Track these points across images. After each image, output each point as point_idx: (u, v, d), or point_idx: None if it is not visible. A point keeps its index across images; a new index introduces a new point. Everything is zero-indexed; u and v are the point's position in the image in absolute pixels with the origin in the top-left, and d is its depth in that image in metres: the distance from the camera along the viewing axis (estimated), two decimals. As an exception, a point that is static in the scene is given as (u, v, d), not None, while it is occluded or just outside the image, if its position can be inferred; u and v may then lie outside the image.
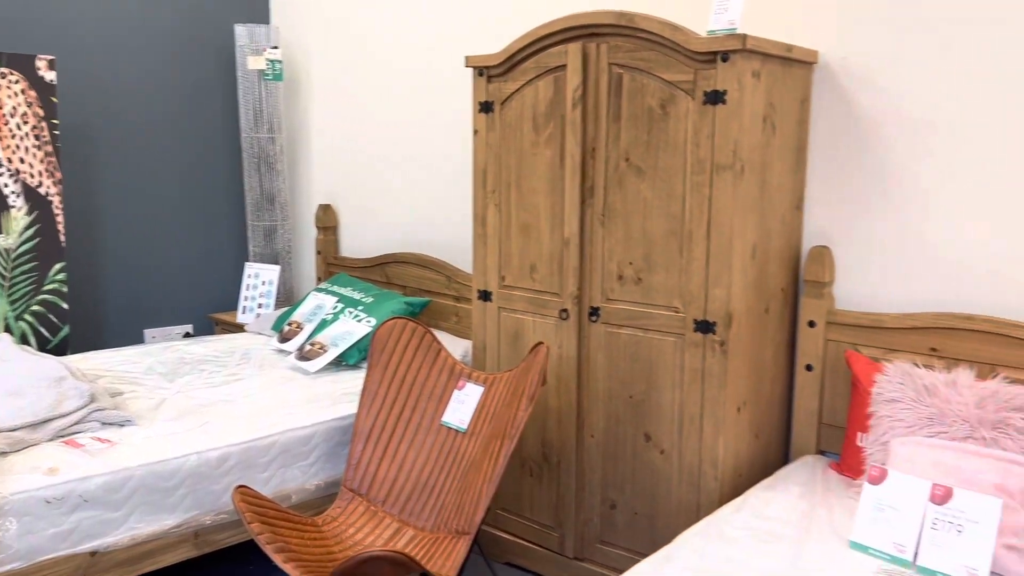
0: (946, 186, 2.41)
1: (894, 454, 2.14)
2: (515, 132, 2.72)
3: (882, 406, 2.28)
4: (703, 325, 2.36)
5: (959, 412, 2.14)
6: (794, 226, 2.62)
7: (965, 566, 1.81)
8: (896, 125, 2.47)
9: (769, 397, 2.59)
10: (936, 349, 2.39)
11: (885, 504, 1.96)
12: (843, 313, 2.55)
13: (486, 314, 2.88)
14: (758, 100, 2.33)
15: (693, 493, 2.43)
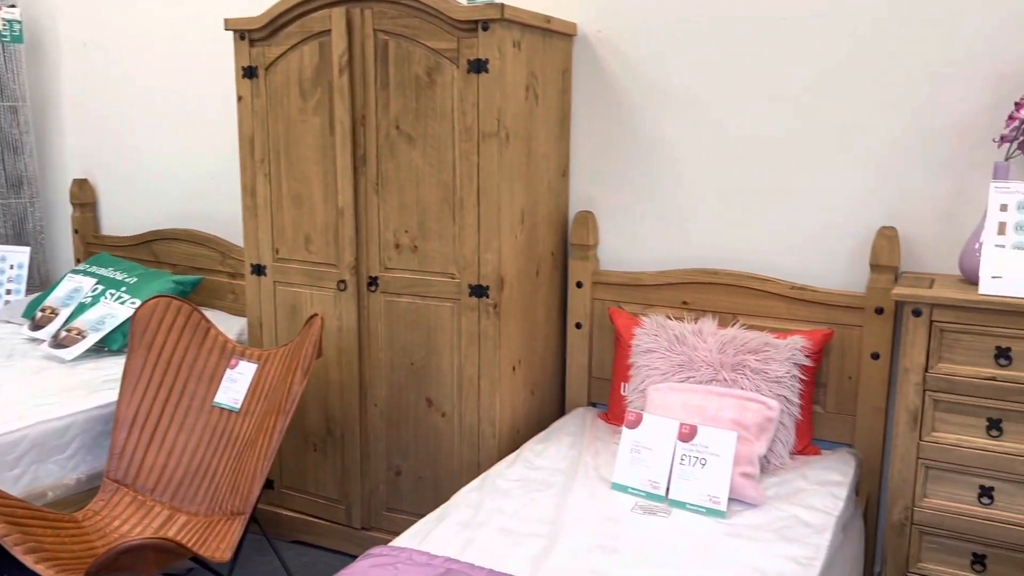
0: (691, 151, 2.62)
1: (650, 400, 2.32)
2: (282, 99, 2.63)
3: (640, 357, 2.46)
4: (477, 289, 2.42)
5: (704, 358, 2.35)
6: (560, 192, 2.75)
7: (708, 495, 2.01)
8: (646, 94, 2.65)
9: (543, 355, 2.71)
10: (687, 302, 2.61)
11: (641, 446, 2.13)
12: (607, 273, 2.72)
13: (261, 289, 2.78)
14: (520, 69, 2.40)
15: (474, 452, 2.51)
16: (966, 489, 2.08)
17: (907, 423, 2.11)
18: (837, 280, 2.48)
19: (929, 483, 2.12)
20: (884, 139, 2.37)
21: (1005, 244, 2.02)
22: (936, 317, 2.06)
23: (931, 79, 2.29)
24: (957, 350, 2.05)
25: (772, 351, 2.31)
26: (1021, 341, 1.98)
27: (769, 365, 2.29)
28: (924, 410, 2.09)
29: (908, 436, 2.11)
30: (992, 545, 2.06)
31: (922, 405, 2.09)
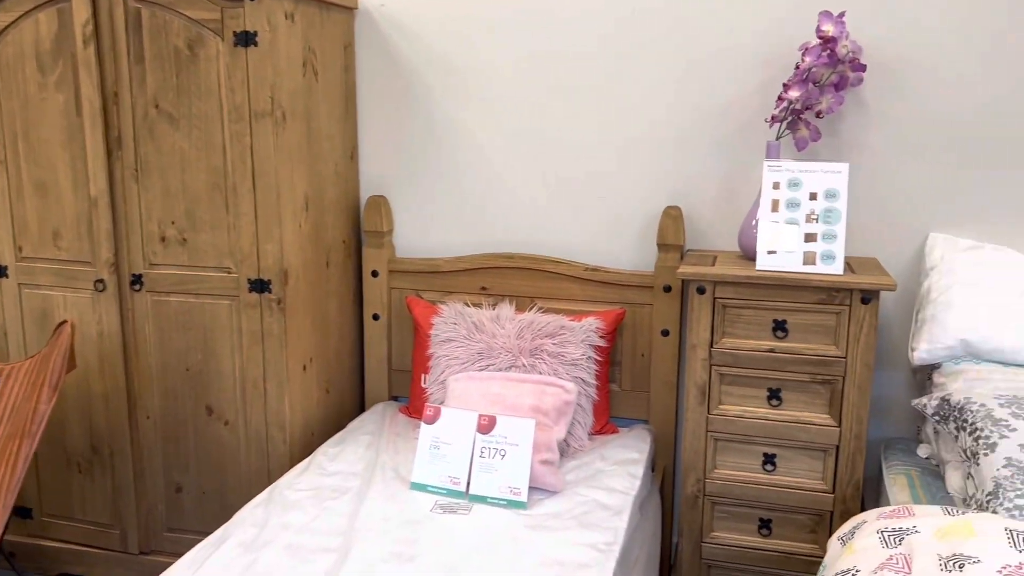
0: (487, 134, 2.55)
1: (450, 391, 2.23)
2: (16, 73, 2.27)
3: (439, 346, 2.37)
4: (258, 284, 2.22)
5: (503, 344, 2.30)
6: (349, 176, 2.59)
7: (508, 486, 1.95)
8: (438, 75, 2.55)
9: (338, 350, 2.55)
10: (486, 288, 2.54)
11: (440, 441, 2.04)
12: (403, 261, 2.60)
13: (2, 293, 2.41)
14: (295, 43, 2.21)
15: (263, 461, 2.31)
16: (751, 458, 2.16)
17: (696, 397, 2.16)
18: (629, 260, 2.51)
19: (718, 454, 2.19)
20: (666, 122, 2.40)
21: (778, 220, 2.10)
22: (719, 294, 2.12)
23: (705, 62, 2.34)
24: (739, 324, 2.12)
25: (568, 334, 2.30)
26: (796, 313, 2.08)
27: (566, 348, 2.27)
28: (711, 384, 2.15)
29: (697, 410, 2.17)
30: (776, 509, 2.16)
31: (709, 379, 2.15)
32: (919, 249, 2.29)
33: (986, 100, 2.17)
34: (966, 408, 1.86)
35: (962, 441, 1.85)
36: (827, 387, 2.08)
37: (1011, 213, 2.21)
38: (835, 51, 2.10)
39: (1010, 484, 1.66)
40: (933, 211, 2.26)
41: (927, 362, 2.11)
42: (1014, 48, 2.13)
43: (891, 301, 2.33)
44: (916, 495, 1.94)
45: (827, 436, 2.09)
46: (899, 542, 1.54)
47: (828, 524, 2.12)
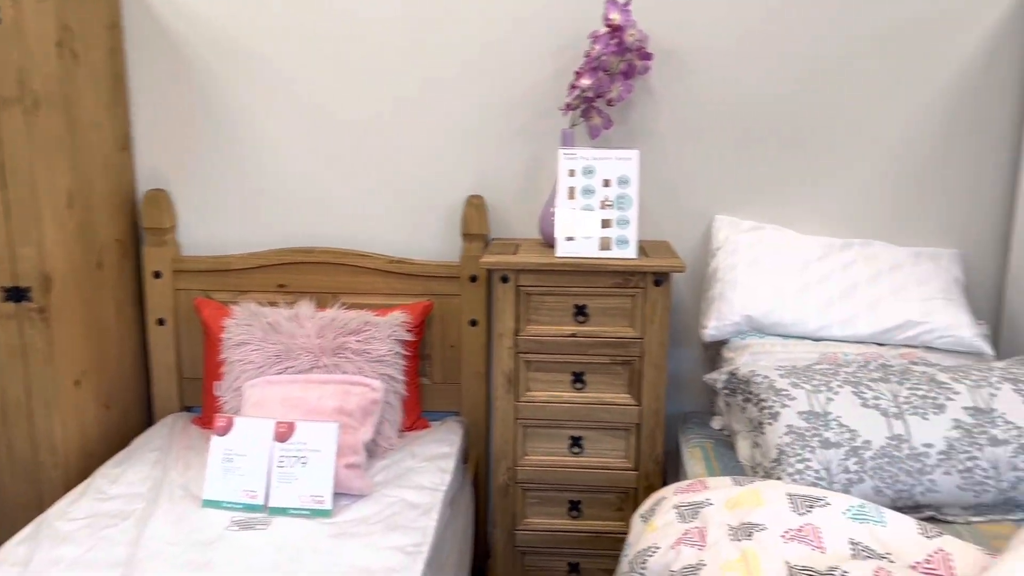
0: (278, 123, 2.40)
1: (246, 398, 2.09)
2: None
3: (233, 351, 2.21)
4: (14, 292, 1.97)
5: (303, 344, 2.18)
6: (122, 169, 2.35)
7: (311, 495, 1.85)
8: (221, 59, 2.36)
9: (118, 361, 2.32)
10: (284, 285, 2.40)
11: (234, 453, 1.89)
12: (190, 259, 2.41)
13: None
14: (47, 22, 1.97)
15: (32, 490, 2.06)
16: (559, 442, 2.19)
17: (504, 386, 2.15)
18: (434, 251, 2.46)
19: (527, 441, 2.19)
20: (466, 110, 2.37)
21: (575, 207, 2.13)
22: (522, 282, 2.11)
23: (501, 49, 2.33)
24: (542, 311, 2.13)
25: (373, 330, 2.21)
26: (595, 298, 2.11)
27: (371, 345, 2.19)
28: (518, 371, 2.15)
29: (506, 398, 2.16)
30: (584, 490, 2.20)
31: (516, 367, 2.15)
32: (707, 231, 2.40)
33: (761, 87, 2.30)
34: (751, 380, 1.96)
35: (749, 412, 1.95)
36: (627, 367, 2.14)
37: (788, 195, 2.36)
38: (623, 39, 2.15)
39: (791, 450, 1.77)
40: (718, 194, 2.38)
41: (716, 338, 2.22)
42: (786, 35, 2.27)
43: (683, 282, 2.43)
44: (711, 466, 2.04)
45: (628, 415, 2.15)
46: (695, 515, 1.60)
47: (634, 500, 2.19)
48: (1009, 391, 1.84)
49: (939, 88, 2.26)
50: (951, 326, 2.12)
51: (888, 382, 1.88)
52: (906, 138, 2.30)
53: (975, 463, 1.74)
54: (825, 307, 2.17)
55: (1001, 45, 2.23)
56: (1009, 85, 2.25)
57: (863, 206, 2.35)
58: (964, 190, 2.32)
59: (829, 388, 1.87)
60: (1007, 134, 2.28)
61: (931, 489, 1.75)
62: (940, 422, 1.78)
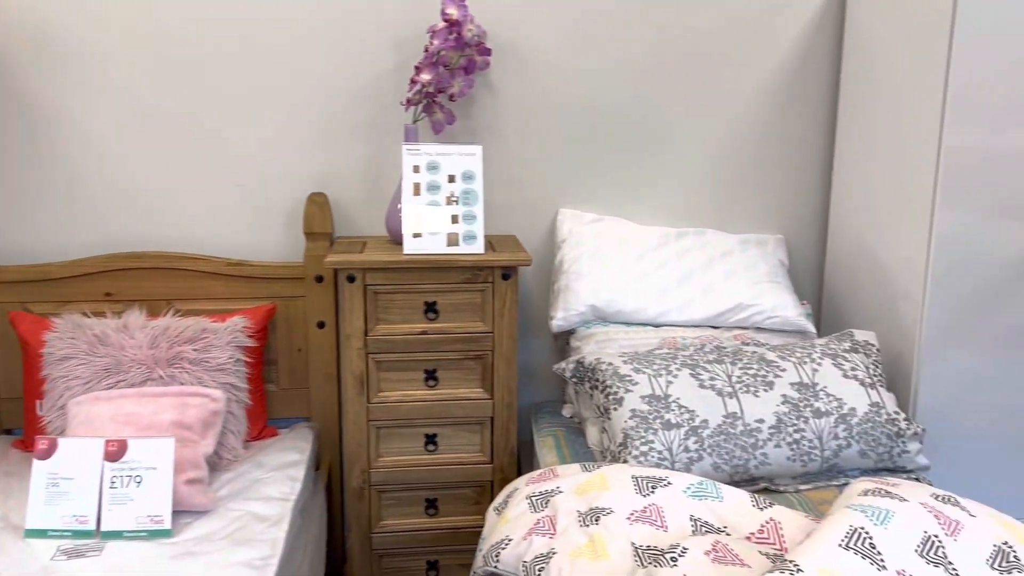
0: (100, 120, 2.24)
1: (72, 416, 1.94)
2: None
3: (55, 366, 2.05)
4: None
5: (134, 357, 2.05)
6: (-84, 171, 2.12)
7: (149, 516, 1.74)
8: (30, 48, 2.18)
9: (-80, 385, 2.10)
10: (111, 294, 2.25)
11: (59, 477, 1.75)
12: (5, 269, 2.20)
13: None
14: None
15: None
16: (413, 441, 2.17)
17: (354, 388, 2.11)
18: (276, 252, 2.37)
19: (381, 443, 2.16)
20: (305, 104, 2.30)
21: (421, 204, 2.11)
22: (369, 281, 2.07)
23: (341, 42, 2.27)
24: (392, 310, 2.10)
25: (212, 337, 2.11)
26: (444, 294, 2.10)
27: (210, 353, 2.09)
28: (369, 372, 2.11)
29: (357, 401, 2.12)
30: (440, 487, 2.19)
31: (367, 368, 2.11)
32: (552, 224, 2.45)
33: (599, 85, 2.37)
34: (597, 368, 2.02)
35: (596, 398, 2.00)
36: (478, 362, 2.14)
37: (626, 187, 2.44)
38: (461, 34, 2.15)
39: (636, 433, 1.84)
40: (562, 188, 2.43)
41: (564, 328, 2.27)
42: (620, 35, 2.34)
43: (531, 275, 2.47)
44: (562, 454, 2.08)
45: (482, 409, 2.15)
46: (546, 504, 1.63)
47: (490, 494, 2.20)
48: (829, 365, 1.98)
49: (759, 85, 2.41)
50: (778, 307, 2.26)
51: (722, 363, 1.98)
52: (732, 132, 2.43)
53: (801, 435, 1.86)
54: (663, 294, 2.26)
55: (814, 43, 2.40)
56: (822, 81, 2.42)
57: (696, 197, 2.46)
58: (786, 179, 2.48)
59: (669, 372, 1.95)
60: (821, 127, 2.45)
61: (764, 462, 1.86)
62: (770, 398, 1.89)
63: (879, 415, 1.90)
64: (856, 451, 1.88)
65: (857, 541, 1.27)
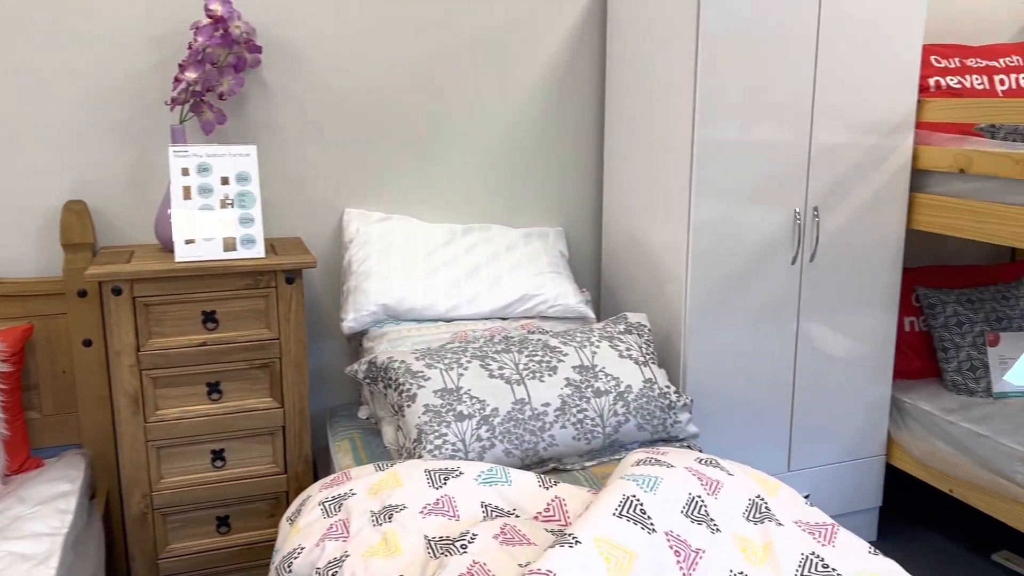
0: None
1: None
2: None
3: None
4: None
5: None
6: None
7: None
8: None
9: None
10: None
11: None
12: None
13: None
14: None
15: None
16: (199, 458, 2.06)
17: (129, 408, 1.97)
18: (31, 267, 2.16)
19: (163, 463, 2.03)
20: (55, 103, 2.11)
21: (192, 208, 2.00)
22: (138, 292, 1.94)
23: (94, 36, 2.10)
24: (166, 323, 1.98)
25: (-46, 364, 1.89)
26: (224, 302, 2.01)
27: (-47, 382, 1.87)
28: (144, 390, 1.98)
29: (133, 421, 1.98)
30: (232, 504, 2.10)
31: (141, 385, 1.98)
32: (338, 224, 2.41)
33: (379, 81, 2.36)
34: (389, 367, 2.02)
35: (390, 397, 2.01)
36: (266, 370, 2.08)
37: (412, 185, 2.45)
38: (228, 31, 2.06)
39: (429, 428, 1.86)
40: (347, 187, 2.40)
41: (356, 330, 2.25)
42: (396, 32, 2.35)
43: (320, 276, 2.42)
44: (359, 456, 2.06)
45: (272, 418, 2.09)
46: (339, 508, 1.61)
47: (285, 505, 2.14)
48: (607, 347, 2.10)
49: (534, 84, 2.51)
50: (560, 295, 2.36)
51: (510, 352, 2.05)
52: (511, 130, 2.51)
53: (584, 414, 1.97)
54: (453, 289, 2.30)
55: (582, 44, 2.53)
56: (589, 81, 2.56)
57: (480, 193, 2.52)
58: (563, 175, 2.60)
59: (460, 364, 1.99)
60: (592, 124, 2.59)
61: (551, 443, 1.94)
62: (554, 383, 1.98)
63: (652, 390, 2.04)
64: (634, 425, 2.01)
65: (629, 508, 1.36)
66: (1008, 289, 2.72)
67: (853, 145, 2.30)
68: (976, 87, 2.59)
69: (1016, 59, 2.71)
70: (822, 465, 2.48)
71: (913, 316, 2.72)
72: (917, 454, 2.49)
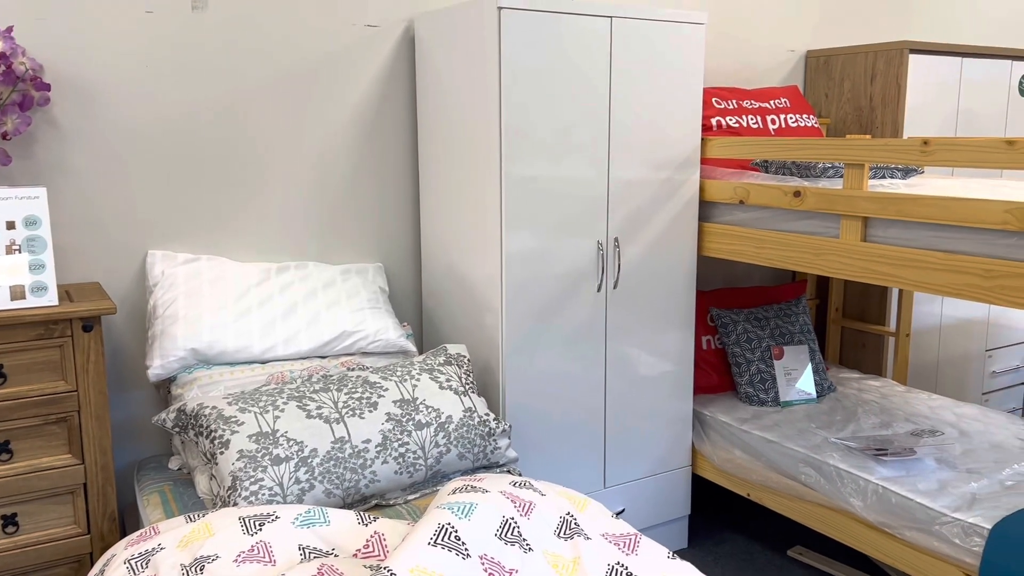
0: None
1: None
2: None
3: None
4: None
5: None
6: None
7: None
8: None
9: None
10: None
11: None
12: None
13: None
14: None
15: None
16: (-13, 526, 1.89)
17: (-100, 478, 1.78)
18: None
19: (-57, 535, 1.85)
20: None
21: (-27, 255, 1.86)
22: (-91, 348, 1.77)
23: None
24: (-56, 379, 1.82)
25: None
26: (12, 354, 1.88)
27: None
28: (-82, 457, 1.80)
29: (-95, 492, 1.79)
30: (28, 572, 1.94)
31: (-85, 452, 1.80)
32: (141, 268, 2.31)
33: (182, 119, 2.29)
34: (200, 414, 1.95)
35: (202, 445, 1.94)
36: (63, 425, 1.95)
37: (222, 225, 2.40)
38: (11, 68, 1.95)
39: (244, 474, 1.81)
40: (150, 228, 2.31)
41: (163, 377, 2.16)
42: (200, 70, 2.29)
43: (122, 323, 2.30)
44: (170, 509, 1.97)
45: (72, 476, 1.96)
46: (146, 565, 1.54)
47: (89, 568, 2.00)
48: (427, 379, 2.14)
49: (345, 120, 2.53)
50: (380, 330, 2.38)
51: (329, 391, 2.04)
52: (325, 167, 2.52)
53: (406, 448, 1.99)
54: (268, 329, 2.26)
55: (393, 81, 2.58)
56: (401, 118, 2.61)
57: (295, 231, 2.50)
58: (380, 210, 2.63)
59: (276, 407, 1.95)
60: (406, 160, 2.65)
61: (373, 480, 1.95)
62: (375, 418, 2.00)
63: (472, 419, 2.10)
64: (456, 455, 2.06)
65: (445, 536, 1.40)
66: (789, 307, 3.02)
67: (647, 180, 2.49)
68: (752, 126, 2.89)
69: (784, 101, 3.04)
70: (634, 480, 2.63)
71: (709, 335, 2.96)
72: (718, 462, 2.70)
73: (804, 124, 3.00)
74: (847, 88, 3.28)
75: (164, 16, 2.23)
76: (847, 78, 3.28)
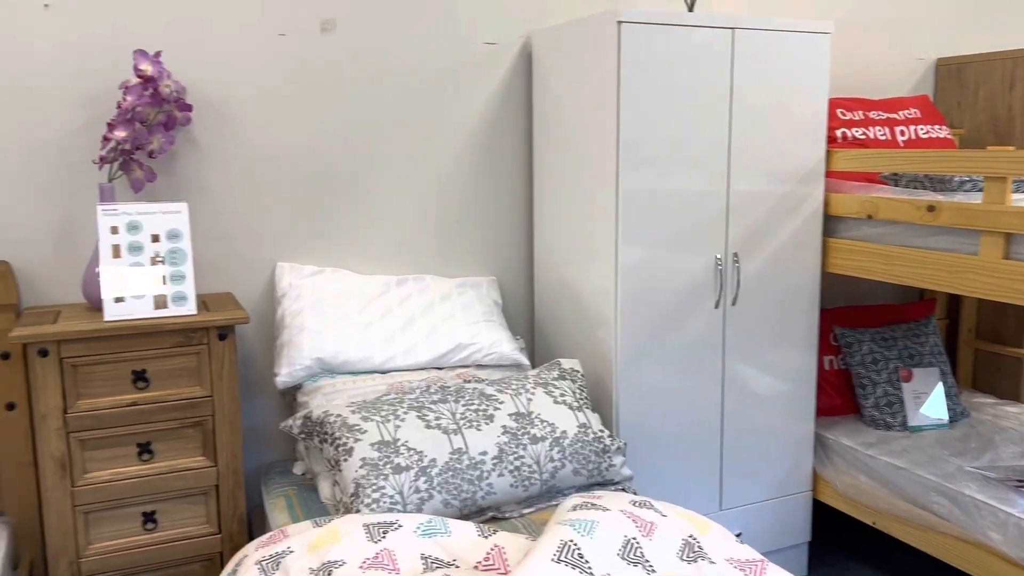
0: None
1: None
2: None
3: None
4: None
5: None
6: None
7: None
8: None
9: None
10: None
11: None
12: None
13: None
14: None
15: None
16: (129, 522, 2.01)
17: (55, 473, 1.92)
18: (-51, 328, 2.10)
19: (91, 528, 1.98)
20: (-25, 162, 2.08)
21: (122, 266, 1.99)
22: (65, 353, 1.91)
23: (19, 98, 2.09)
24: (95, 383, 1.95)
25: None
26: (155, 360, 1.99)
27: None
28: (71, 453, 1.93)
29: (60, 486, 1.93)
30: (164, 567, 2.05)
31: (68, 449, 1.93)
32: (271, 279, 2.41)
33: (309, 137, 2.39)
34: (325, 421, 2.02)
35: (326, 452, 2.00)
36: (198, 429, 2.05)
37: (344, 239, 2.48)
38: (158, 90, 2.07)
39: (367, 481, 1.86)
40: (278, 242, 2.41)
41: (289, 384, 2.24)
42: (327, 88, 2.39)
43: (252, 332, 2.41)
44: (295, 513, 2.04)
45: (205, 478, 2.05)
46: (277, 567, 1.59)
47: (220, 566, 2.10)
48: (542, 393, 2.14)
49: (462, 136, 2.57)
50: (494, 343, 2.40)
51: (447, 402, 2.07)
52: (441, 182, 2.57)
53: (521, 461, 2.00)
54: (388, 340, 2.31)
55: (510, 97, 2.61)
56: (518, 132, 2.64)
57: (413, 245, 2.56)
58: (495, 225, 2.66)
59: (396, 416, 2.00)
60: (521, 173, 2.67)
61: (489, 492, 1.96)
62: (491, 431, 2.01)
63: (587, 435, 2.09)
64: (570, 470, 2.05)
65: (568, 553, 1.40)
66: (918, 327, 2.87)
67: (768, 193, 2.42)
68: (879, 138, 2.77)
69: (914, 111, 2.90)
70: (752, 503, 2.55)
71: (832, 355, 2.84)
72: (841, 488, 2.59)
73: (935, 135, 2.85)
74: (982, 97, 3.11)
75: (295, 38, 2.33)
76: (982, 86, 3.11)
